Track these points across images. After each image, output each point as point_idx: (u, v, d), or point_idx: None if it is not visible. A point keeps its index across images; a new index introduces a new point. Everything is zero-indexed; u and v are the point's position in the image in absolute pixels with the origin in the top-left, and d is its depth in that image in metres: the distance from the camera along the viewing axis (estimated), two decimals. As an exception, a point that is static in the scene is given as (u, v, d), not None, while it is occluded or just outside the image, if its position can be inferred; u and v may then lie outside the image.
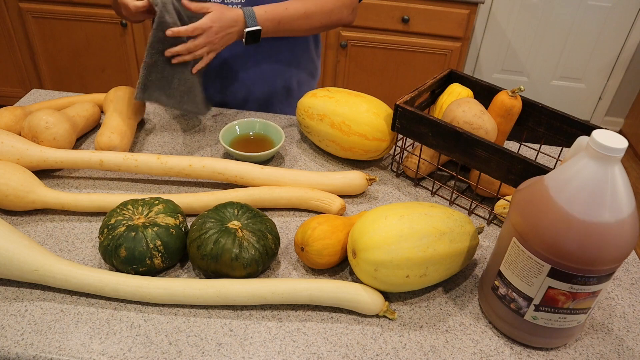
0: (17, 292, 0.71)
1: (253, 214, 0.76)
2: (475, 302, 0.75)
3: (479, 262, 0.82)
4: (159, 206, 0.76)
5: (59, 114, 0.94)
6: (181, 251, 0.75)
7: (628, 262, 0.84)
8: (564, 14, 2.72)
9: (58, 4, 2.25)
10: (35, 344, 0.64)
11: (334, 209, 0.86)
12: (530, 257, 0.61)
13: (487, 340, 0.69)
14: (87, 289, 0.69)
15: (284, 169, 0.90)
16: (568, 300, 0.62)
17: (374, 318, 0.71)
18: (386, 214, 0.70)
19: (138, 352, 0.64)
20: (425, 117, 0.88)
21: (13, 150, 0.86)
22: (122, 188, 0.91)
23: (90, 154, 0.89)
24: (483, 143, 0.83)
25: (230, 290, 0.69)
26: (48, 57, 2.44)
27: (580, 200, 0.56)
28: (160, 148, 1.02)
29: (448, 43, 2.28)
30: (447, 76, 1.03)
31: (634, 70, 2.88)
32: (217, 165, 0.89)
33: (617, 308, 0.76)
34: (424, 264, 0.68)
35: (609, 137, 0.55)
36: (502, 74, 2.97)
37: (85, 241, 0.79)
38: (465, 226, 0.74)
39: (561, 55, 2.87)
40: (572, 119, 0.90)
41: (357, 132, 0.94)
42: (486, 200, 0.95)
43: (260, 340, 0.67)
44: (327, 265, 0.76)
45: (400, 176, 1.00)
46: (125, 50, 2.38)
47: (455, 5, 2.16)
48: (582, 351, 0.69)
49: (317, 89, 1.03)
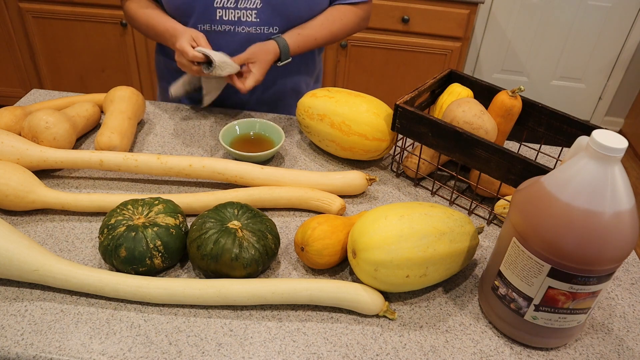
0: (17, 292, 0.71)
1: (253, 214, 0.76)
2: (475, 302, 0.75)
3: (479, 262, 0.82)
4: (159, 206, 0.76)
5: (59, 114, 0.94)
6: (181, 251, 0.75)
7: (628, 262, 0.84)
8: (564, 14, 2.72)
9: (58, 4, 2.25)
10: (35, 344, 0.64)
11: (334, 209, 0.86)
12: (530, 257, 0.61)
13: (487, 340, 0.69)
14: (87, 289, 0.69)
15: (284, 169, 0.90)
16: (568, 300, 0.62)
17: (374, 318, 0.71)
18: (386, 214, 0.70)
19: (138, 352, 0.64)
20: (425, 117, 0.88)
21: (13, 150, 0.86)
22: (122, 188, 0.91)
23: (90, 154, 0.89)
24: (483, 143, 0.83)
25: (230, 290, 0.69)
26: (48, 57, 2.44)
27: (580, 199, 0.56)
28: (160, 148, 1.02)
29: (448, 43, 2.28)
30: (447, 76, 1.03)
31: (634, 70, 2.88)
32: (217, 165, 0.89)
33: (617, 308, 0.76)
34: (424, 264, 0.68)
35: (609, 137, 0.55)
36: (502, 74, 2.97)
37: (85, 241, 0.79)
38: (465, 226, 0.74)
39: (561, 55, 2.87)
40: (572, 119, 0.90)
41: (357, 132, 0.94)
42: (486, 200, 0.95)
43: (260, 340, 0.67)
44: (327, 265, 0.76)
45: (400, 176, 1.00)
46: (125, 50, 2.38)
47: (455, 5, 2.16)
48: (582, 351, 0.69)
49: (317, 89, 1.03)
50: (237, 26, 1.06)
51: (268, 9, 1.05)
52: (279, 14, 1.06)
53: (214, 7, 1.04)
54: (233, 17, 1.05)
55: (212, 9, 1.04)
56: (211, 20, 1.05)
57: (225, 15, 1.05)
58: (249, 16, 1.05)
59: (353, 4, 1.14)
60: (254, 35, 1.07)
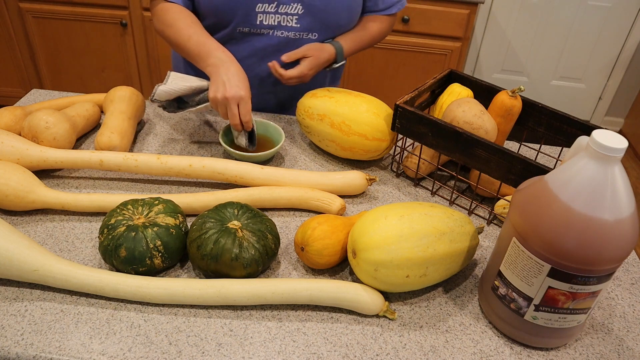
0: (17, 292, 0.71)
1: (253, 214, 0.76)
2: (475, 302, 0.75)
3: (479, 262, 0.82)
4: (159, 206, 0.76)
5: (59, 114, 0.94)
6: (181, 251, 0.75)
7: (628, 262, 0.84)
8: (564, 14, 2.72)
9: (58, 4, 2.25)
10: (35, 344, 0.64)
11: (334, 209, 0.86)
12: (530, 257, 0.61)
13: (487, 340, 0.69)
14: (87, 289, 0.69)
15: (284, 169, 0.90)
16: (568, 300, 0.62)
17: (374, 318, 0.71)
18: (386, 214, 0.70)
19: (138, 352, 0.64)
20: (425, 117, 0.88)
21: (13, 150, 0.86)
22: (122, 188, 0.91)
23: (90, 154, 0.89)
24: (483, 143, 0.83)
25: (230, 290, 0.69)
26: (48, 57, 2.44)
27: (580, 199, 0.56)
28: (160, 148, 1.02)
29: (448, 43, 2.28)
30: (447, 76, 1.03)
31: (634, 70, 2.88)
32: (217, 165, 0.89)
33: (617, 308, 0.76)
34: (424, 264, 0.68)
35: (609, 137, 0.55)
36: (502, 74, 2.97)
37: (85, 241, 0.79)
38: (465, 226, 0.74)
39: (561, 55, 2.87)
40: (572, 119, 0.90)
41: (357, 132, 0.94)
42: (486, 200, 0.95)
43: (260, 340, 0.67)
44: (327, 265, 0.76)
45: (400, 176, 1.00)
46: (125, 50, 2.37)
47: (455, 5, 2.16)
48: (582, 351, 0.69)
49: (317, 89, 1.03)
50: (276, 30, 1.07)
51: (309, 16, 1.06)
52: (319, 20, 1.07)
53: (255, 12, 1.04)
54: (273, 21, 1.06)
55: (254, 13, 1.04)
56: (251, 24, 1.05)
57: (265, 19, 1.05)
58: (289, 21, 1.06)
59: (388, 15, 1.19)
60: (292, 40, 1.08)
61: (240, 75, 0.92)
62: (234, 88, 0.90)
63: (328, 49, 1.08)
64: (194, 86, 0.96)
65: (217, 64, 0.93)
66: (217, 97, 0.90)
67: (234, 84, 0.90)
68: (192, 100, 0.99)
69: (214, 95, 0.91)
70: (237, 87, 0.90)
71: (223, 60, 0.93)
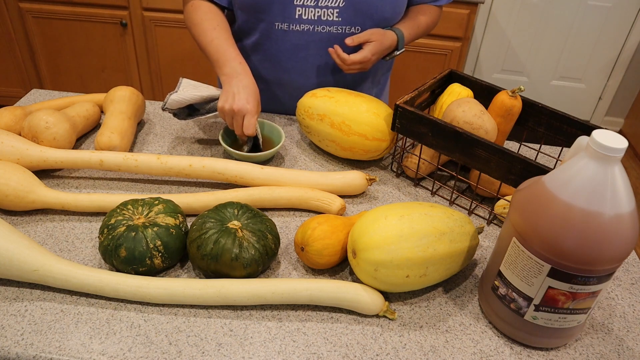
0: (17, 292, 0.71)
1: (253, 214, 0.76)
2: (475, 302, 0.75)
3: (479, 262, 0.82)
4: (159, 206, 0.76)
5: (59, 114, 0.94)
6: (181, 251, 0.75)
7: (628, 262, 0.84)
8: (564, 14, 2.72)
9: (58, 4, 2.25)
10: (35, 344, 0.64)
11: (334, 209, 0.86)
12: (530, 257, 0.61)
13: (487, 340, 0.69)
14: (87, 289, 0.69)
15: (284, 169, 0.90)
16: (568, 300, 0.62)
17: (374, 318, 0.71)
18: (386, 214, 0.70)
19: (138, 352, 0.64)
20: (425, 117, 0.88)
21: (13, 150, 0.86)
22: (122, 188, 0.91)
23: (90, 154, 0.89)
24: (483, 143, 0.83)
25: (230, 290, 0.69)
26: (48, 57, 2.44)
27: (581, 199, 0.56)
28: (160, 148, 1.02)
29: (448, 43, 2.28)
30: (447, 76, 1.03)
31: (634, 70, 2.88)
32: (217, 165, 0.89)
33: (617, 308, 0.76)
34: (424, 264, 0.68)
35: (609, 137, 0.55)
36: (502, 74, 2.97)
37: (85, 241, 0.79)
38: (465, 226, 0.74)
39: (561, 55, 2.87)
40: (572, 119, 0.90)
41: (357, 132, 0.94)
42: (486, 200, 0.95)
43: (260, 340, 0.67)
44: (327, 265, 0.76)
45: (400, 176, 1.00)
46: (125, 50, 2.38)
47: (455, 5, 2.16)
48: (582, 351, 0.69)
49: (317, 89, 1.02)
50: (317, 25, 1.03)
51: (350, 8, 1.01)
52: (362, 13, 1.02)
53: (293, 5, 1.00)
54: (313, 16, 1.01)
55: (292, 7, 1.00)
56: (290, 19, 1.02)
57: (304, 14, 1.01)
58: (330, 15, 1.02)
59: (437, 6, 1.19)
60: (335, 35, 1.04)
61: (251, 89, 0.94)
62: (242, 101, 0.91)
63: (390, 35, 1.04)
64: (204, 95, 0.98)
65: (231, 75, 0.94)
66: (224, 108, 0.92)
67: (243, 97, 0.92)
68: (202, 108, 1.00)
69: (222, 105, 0.93)
70: (245, 100, 0.92)
71: (237, 72, 0.95)
